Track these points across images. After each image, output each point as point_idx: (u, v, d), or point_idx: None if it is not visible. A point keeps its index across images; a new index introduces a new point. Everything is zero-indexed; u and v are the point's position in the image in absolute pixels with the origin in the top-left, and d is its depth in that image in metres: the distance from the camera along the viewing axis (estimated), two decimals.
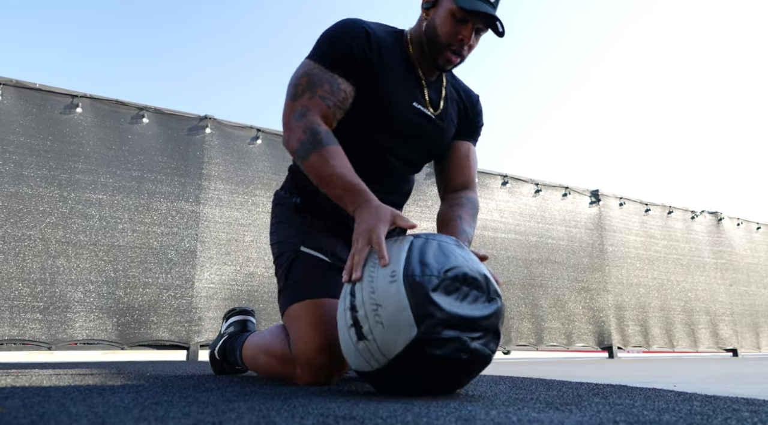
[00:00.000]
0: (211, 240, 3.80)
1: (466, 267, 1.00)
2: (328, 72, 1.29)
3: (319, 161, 1.20)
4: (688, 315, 5.74)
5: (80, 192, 3.48)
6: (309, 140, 1.21)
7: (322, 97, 1.27)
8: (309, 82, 1.28)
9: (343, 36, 1.31)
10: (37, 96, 3.49)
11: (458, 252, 1.04)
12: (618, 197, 5.70)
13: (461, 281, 0.98)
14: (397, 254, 1.02)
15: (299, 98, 1.27)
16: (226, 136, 4.04)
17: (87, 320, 3.37)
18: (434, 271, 0.97)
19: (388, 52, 1.35)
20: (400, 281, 0.97)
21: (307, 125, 1.23)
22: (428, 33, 1.36)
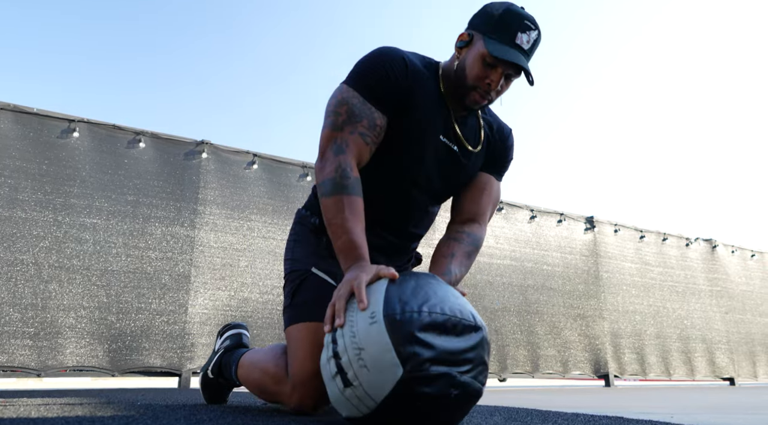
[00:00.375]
0: (206, 265, 3.78)
1: (445, 301, 1.00)
2: (366, 103, 1.29)
3: (336, 206, 1.21)
4: (685, 343, 5.71)
5: (75, 216, 3.46)
6: (337, 181, 1.22)
7: (362, 134, 1.27)
8: (349, 112, 1.28)
9: (382, 65, 1.30)
10: (35, 120, 3.51)
11: (436, 287, 1.04)
12: (613, 223, 5.72)
13: (442, 315, 0.97)
14: (375, 295, 1.02)
15: (339, 130, 1.27)
16: (223, 161, 4.05)
17: (78, 346, 3.32)
18: (414, 307, 0.97)
19: (423, 84, 1.35)
20: (381, 321, 0.96)
21: (341, 164, 1.24)
22: (458, 72, 1.34)
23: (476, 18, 1.35)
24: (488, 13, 1.32)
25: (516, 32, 1.27)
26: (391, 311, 0.97)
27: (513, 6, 1.31)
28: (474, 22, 1.35)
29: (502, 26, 1.28)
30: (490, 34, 1.28)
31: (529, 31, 1.29)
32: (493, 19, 1.29)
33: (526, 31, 1.28)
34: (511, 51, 1.26)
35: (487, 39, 1.28)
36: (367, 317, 0.98)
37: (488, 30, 1.29)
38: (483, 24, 1.31)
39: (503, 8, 1.30)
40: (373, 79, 1.30)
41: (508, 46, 1.27)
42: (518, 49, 1.27)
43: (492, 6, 1.33)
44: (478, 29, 1.31)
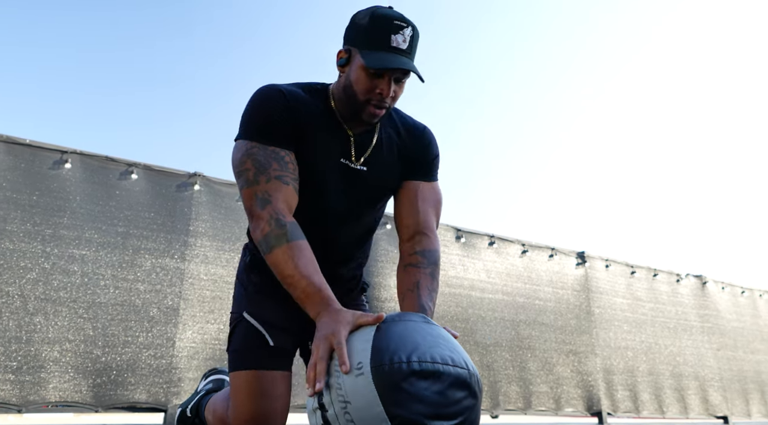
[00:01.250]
0: (195, 298, 3.74)
1: (435, 347, 0.96)
2: (267, 147, 1.25)
3: (283, 258, 1.15)
4: (677, 380, 5.67)
5: (63, 248, 3.43)
6: (273, 233, 1.16)
7: (278, 177, 1.23)
8: (255, 164, 1.23)
9: (262, 105, 1.28)
10: (27, 151, 3.50)
11: (425, 331, 1.00)
12: (604, 258, 5.74)
13: (432, 364, 0.93)
14: (361, 344, 0.97)
15: (255, 184, 1.22)
16: (215, 193, 4.05)
17: (61, 380, 3.24)
18: (402, 357, 0.93)
19: (309, 110, 1.31)
20: (368, 373, 0.92)
21: (271, 215, 1.18)
22: (347, 90, 1.29)
23: (348, 32, 1.31)
24: (357, 24, 1.28)
25: (389, 36, 1.22)
26: (378, 362, 0.92)
27: (378, 9, 1.26)
28: (348, 36, 1.31)
29: (373, 34, 1.23)
30: (365, 46, 1.24)
31: (402, 30, 1.24)
32: (363, 29, 1.25)
33: (398, 32, 1.24)
34: (389, 57, 1.22)
35: (364, 52, 1.24)
36: (354, 368, 0.94)
37: (362, 42, 1.25)
38: (355, 37, 1.27)
39: (369, 15, 1.25)
40: (260, 121, 1.26)
41: (385, 52, 1.22)
42: (396, 51, 1.23)
43: (358, 16, 1.29)
44: (353, 43, 1.27)
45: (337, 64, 1.32)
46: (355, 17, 1.30)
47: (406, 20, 1.25)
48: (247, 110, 1.30)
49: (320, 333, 1.02)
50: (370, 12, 1.26)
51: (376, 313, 1.06)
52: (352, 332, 1.01)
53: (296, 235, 1.17)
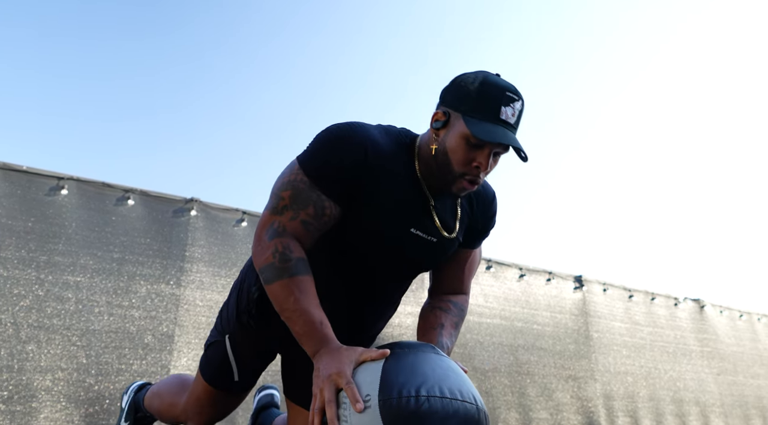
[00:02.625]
0: (190, 324, 3.70)
1: (445, 380, 0.95)
2: (315, 190, 1.15)
3: (283, 291, 1.10)
4: (678, 406, 5.61)
5: (58, 274, 3.40)
6: (277, 265, 1.11)
7: (303, 222, 1.15)
8: (293, 198, 1.15)
9: (339, 148, 1.15)
10: (23, 178, 3.50)
11: (435, 363, 0.99)
12: (601, 282, 5.72)
13: (441, 399, 0.92)
14: (370, 375, 0.96)
15: (279, 215, 1.15)
16: (212, 218, 4.04)
17: (53, 410, 3.19)
18: (411, 391, 0.91)
19: (391, 168, 1.19)
20: (375, 407, 0.91)
21: (278, 248, 1.12)
22: (439, 157, 1.18)
23: (449, 94, 1.19)
24: (463, 88, 1.16)
25: (499, 107, 1.13)
26: (386, 395, 0.91)
27: (489, 76, 1.16)
28: (448, 99, 1.19)
29: (482, 102, 1.13)
30: (470, 113, 1.14)
31: (513, 103, 1.14)
32: (471, 95, 1.14)
33: (509, 104, 1.14)
34: (496, 129, 1.12)
35: (469, 119, 1.13)
36: (361, 401, 0.92)
37: (467, 108, 1.14)
38: (459, 101, 1.16)
39: (480, 80, 1.15)
40: (327, 163, 1.15)
41: (492, 123, 1.12)
42: (504, 124, 1.13)
43: (465, 79, 1.17)
44: (455, 107, 1.16)
45: (431, 126, 1.20)
46: (461, 80, 1.18)
47: (518, 92, 1.16)
48: (320, 143, 1.18)
49: (323, 373, 0.99)
50: (481, 78, 1.15)
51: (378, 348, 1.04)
52: (359, 365, 1.00)
53: (301, 270, 1.12)
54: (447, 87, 1.21)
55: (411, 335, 4.33)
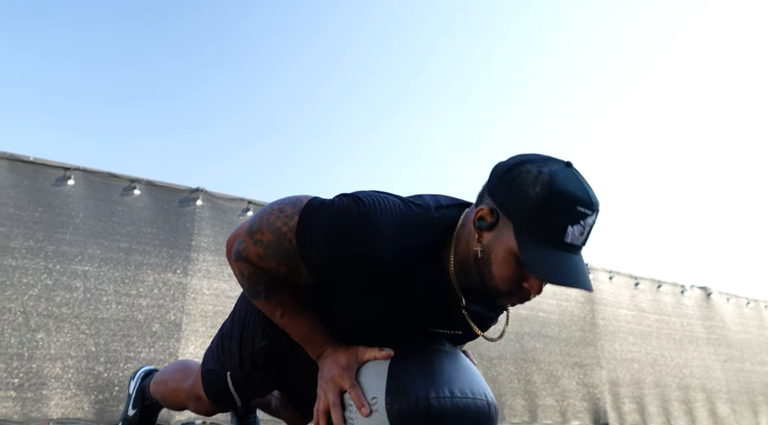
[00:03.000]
0: (197, 313, 3.73)
1: (455, 379, 0.92)
2: (298, 259, 0.97)
3: (267, 308, 1.04)
4: (684, 393, 5.61)
5: (66, 264, 3.43)
6: (248, 287, 1.04)
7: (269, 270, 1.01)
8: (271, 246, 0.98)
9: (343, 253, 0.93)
10: (30, 169, 3.52)
11: (444, 361, 0.96)
12: (607, 270, 5.71)
13: (451, 399, 0.89)
14: (376, 378, 0.93)
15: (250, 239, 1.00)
16: (217, 208, 4.06)
17: (63, 397, 3.23)
18: (419, 393, 0.88)
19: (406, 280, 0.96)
20: (382, 410, 0.89)
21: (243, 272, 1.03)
22: (480, 267, 0.93)
23: (502, 190, 0.91)
24: (521, 190, 0.88)
25: (566, 228, 0.86)
26: (393, 398, 0.88)
27: (557, 178, 0.86)
28: (499, 195, 0.91)
29: (544, 220, 0.86)
30: (527, 229, 0.87)
31: (584, 220, 0.87)
32: (530, 206, 0.86)
33: (579, 221, 0.87)
34: (557, 259, 0.86)
35: (523, 238, 0.87)
36: (367, 404, 0.90)
37: (522, 221, 0.87)
38: (514, 207, 0.89)
39: (544, 186, 0.86)
40: (321, 254, 0.94)
41: (554, 248, 0.87)
42: (569, 248, 0.88)
43: (525, 178, 0.88)
44: (509, 213, 0.89)
45: (473, 224, 0.92)
46: (518, 177, 0.88)
47: (593, 202, 0.88)
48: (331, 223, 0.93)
49: (327, 376, 0.96)
50: (545, 181, 0.86)
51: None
52: (362, 365, 0.96)
53: (272, 291, 1.02)
54: (499, 178, 0.92)
55: None
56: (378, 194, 0.97)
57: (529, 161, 0.90)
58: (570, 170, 0.89)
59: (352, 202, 0.94)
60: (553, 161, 0.90)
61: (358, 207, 0.93)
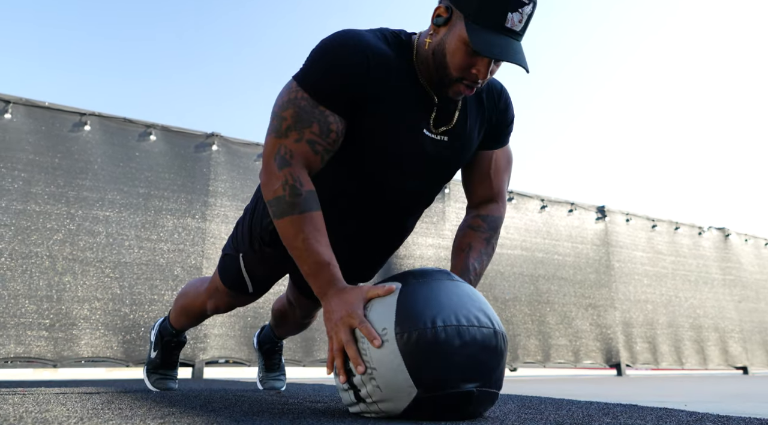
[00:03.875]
0: (217, 257, 3.79)
1: (461, 307, 0.95)
2: (317, 106, 1.09)
3: (292, 227, 1.07)
4: (697, 332, 5.68)
5: (87, 209, 3.49)
6: (286, 199, 1.07)
7: (310, 142, 1.09)
8: (295, 117, 1.09)
9: (335, 58, 1.09)
10: (46, 114, 3.53)
11: (451, 291, 0.98)
12: (624, 212, 5.68)
13: (458, 327, 0.92)
14: (385, 309, 0.95)
15: (284, 138, 1.09)
16: (233, 153, 4.06)
17: (92, 337, 3.36)
18: (427, 322, 0.91)
19: (391, 71, 1.13)
20: (392, 339, 0.91)
21: (287, 179, 1.07)
22: (437, 57, 1.11)
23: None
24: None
25: (505, 14, 1.02)
26: (402, 328, 0.91)
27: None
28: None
29: (487, 6, 1.03)
30: (473, 17, 1.04)
31: (522, 8, 1.03)
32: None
33: (517, 9, 1.03)
34: (499, 41, 1.03)
35: (469, 24, 1.04)
36: (378, 334, 0.93)
37: (470, 11, 1.04)
38: (463, 0, 1.06)
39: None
40: (325, 76, 1.09)
41: (495, 31, 1.03)
42: (508, 33, 1.04)
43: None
44: (458, 5, 1.06)
45: (432, 21, 1.11)
46: None
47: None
48: (316, 55, 1.11)
49: (334, 316, 0.99)
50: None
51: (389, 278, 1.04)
52: (368, 302, 0.99)
53: (310, 205, 1.08)
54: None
55: (431, 266, 4.40)
56: None
57: None
58: None
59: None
60: None
61: (337, 33, 1.12)
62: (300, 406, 1.23)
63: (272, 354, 2.08)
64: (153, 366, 1.89)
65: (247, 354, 3.77)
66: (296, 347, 3.90)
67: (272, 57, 51.26)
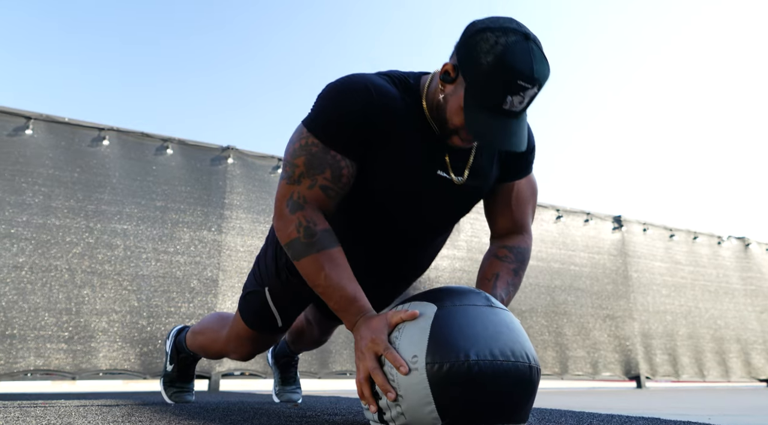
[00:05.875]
0: (233, 269, 3.83)
1: (497, 339, 0.91)
2: (328, 152, 1.08)
3: (312, 267, 1.07)
4: (719, 344, 5.58)
5: (106, 223, 3.54)
6: (302, 241, 1.07)
7: (323, 188, 1.09)
8: (308, 164, 1.09)
9: (341, 101, 1.09)
10: (66, 130, 3.59)
11: (487, 319, 0.95)
12: (641, 222, 5.62)
13: (492, 361, 0.89)
14: (417, 335, 0.92)
15: (296, 184, 1.10)
16: (248, 165, 4.10)
17: (110, 349, 3.39)
18: (460, 355, 0.88)
19: (399, 113, 1.11)
20: (422, 368, 0.88)
21: (301, 221, 1.08)
22: (440, 111, 1.11)
23: (464, 51, 1.03)
24: (475, 55, 1.00)
25: (505, 97, 0.99)
26: (434, 358, 0.88)
27: (508, 52, 0.97)
28: (462, 57, 1.04)
29: (489, 87, 0.99)
30: (474, 93, 1.01)
31: (524, 92, 0.99)
32: (480, 71, 1.00)
33: (519, 93, 0.99)
34: (495, 122, 1.01)
35: (468, 98, 1.02)
36: (408, 360, 0.90)
37: (471, 83, 1.01)
38: (468, 69, 1.02)
39: (495, 56, 0.98)
40: (334, 121, 1.08)
41: (494, 114, 1.01)
42: (507, 115, 1.01)
43: (480, 46, 1.00)
44: (465, 72, 1.03)
45: (440, 76, 1.08)
46: (476, 44, 1.01)
47: (535, 78, 0.98)
48: (324, 100, 1.11)
49: (361, 344, 0.98)
50: (498, 52, 0.98)
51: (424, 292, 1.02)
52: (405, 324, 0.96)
53: (328, 243, 1.08)
54: (463, 40, 1.04)
55: (447, 278, 4.38)
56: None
57: (492, 29, 1.00)
58: (527, 43, 0.98)
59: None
60: (514, 32, 0.99)
61: (344, 77, 1.12)
62: (318, 419, 1.23)
63: (288, 367, 2.08)
64: (169, 379, 1.89)
65: (262, 366, 3.78)
66: (312, 359, 3.90)
67: (286, 67, 51.20)
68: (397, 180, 1.14)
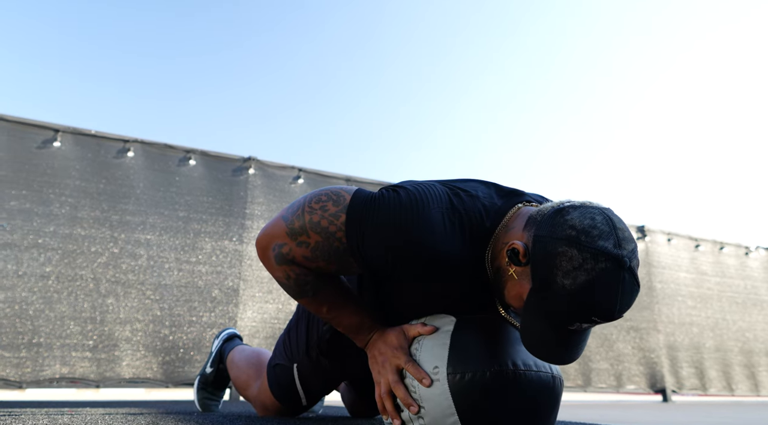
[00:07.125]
0: (254, 279, 3.85)
1: (519, 350, 0.90)
2: (349, 256, 0.95)
3: (312, 305, 1.03)
4: (747, 357, 5.44)
5: (130, 233, 3.59)
6: (293, 288, 1.02)
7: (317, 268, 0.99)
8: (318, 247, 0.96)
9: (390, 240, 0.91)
10: (92, 142, 3.66)
11: (511, 332, 0.94)
12: (666, 232, 5.53)
13: (513, 372, 0.87)
14: (438, 348, 0.91)
15: (293, 242, 0.97)
16: (269, 176, 4.13)
17: (134, 358, 3.42)
18: (481, 366, 0.87)
19: (452, 268, 0.94)
20: (444, 380, 0.88)
21: (289, 274, 1.00)
22: (500, 283, 0.92)
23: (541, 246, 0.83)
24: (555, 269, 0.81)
25: (574, 322, 0.83)
26: (455, 368, 0.88)
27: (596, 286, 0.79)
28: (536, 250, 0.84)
29: (558, 306, 0.82)
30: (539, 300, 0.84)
31: (590, 323, 0.83)
32: (553, 288, 0.81)
33: (591, 322, 0.83)
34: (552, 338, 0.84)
35: (531, 301, 0.86)
36: (430, 371, 0.90)
37: (540, 290, 0.84)
38: (541, 274, 0.83)
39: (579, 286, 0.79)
40: (374, 246, 0.92)
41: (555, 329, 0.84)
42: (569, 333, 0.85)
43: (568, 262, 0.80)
44: (534, 271, 0.84)
45: (506, 253, 0.87)
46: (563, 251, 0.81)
47: (614, 317, 0.82)
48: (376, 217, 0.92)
49: (380, 359, 0.97)
50: (583, 281, 0.79)
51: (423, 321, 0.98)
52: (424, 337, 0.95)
53: (321, 286, 1.01)
54: (548, 232, 0.84)
55: None
56: (423, 185, 0.97)
57: (581, 245, 0.80)
58: (619, 272, 0.79)
59: (400, 195, 0.93)
60: (607, 256, 0.79)
61: (408, 200, 0.92)
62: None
63: None
64: (205, 381, 1.87)
65: None
66: None
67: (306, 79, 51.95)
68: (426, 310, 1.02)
